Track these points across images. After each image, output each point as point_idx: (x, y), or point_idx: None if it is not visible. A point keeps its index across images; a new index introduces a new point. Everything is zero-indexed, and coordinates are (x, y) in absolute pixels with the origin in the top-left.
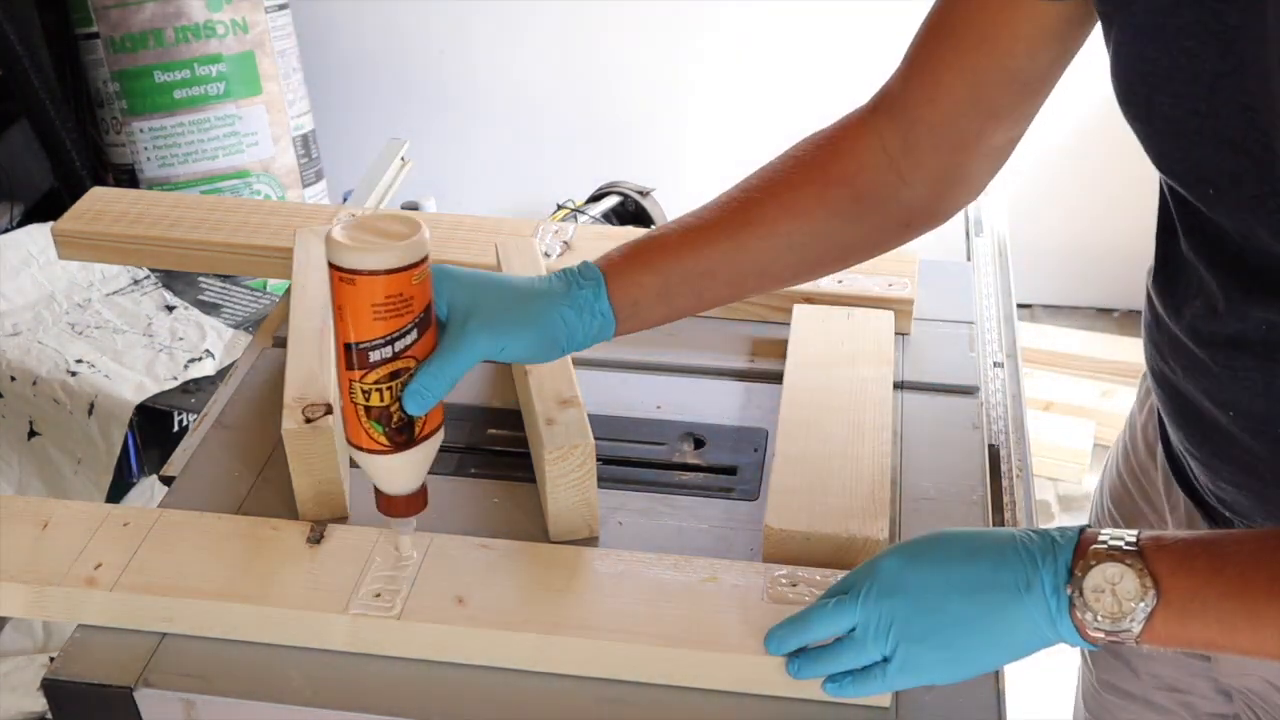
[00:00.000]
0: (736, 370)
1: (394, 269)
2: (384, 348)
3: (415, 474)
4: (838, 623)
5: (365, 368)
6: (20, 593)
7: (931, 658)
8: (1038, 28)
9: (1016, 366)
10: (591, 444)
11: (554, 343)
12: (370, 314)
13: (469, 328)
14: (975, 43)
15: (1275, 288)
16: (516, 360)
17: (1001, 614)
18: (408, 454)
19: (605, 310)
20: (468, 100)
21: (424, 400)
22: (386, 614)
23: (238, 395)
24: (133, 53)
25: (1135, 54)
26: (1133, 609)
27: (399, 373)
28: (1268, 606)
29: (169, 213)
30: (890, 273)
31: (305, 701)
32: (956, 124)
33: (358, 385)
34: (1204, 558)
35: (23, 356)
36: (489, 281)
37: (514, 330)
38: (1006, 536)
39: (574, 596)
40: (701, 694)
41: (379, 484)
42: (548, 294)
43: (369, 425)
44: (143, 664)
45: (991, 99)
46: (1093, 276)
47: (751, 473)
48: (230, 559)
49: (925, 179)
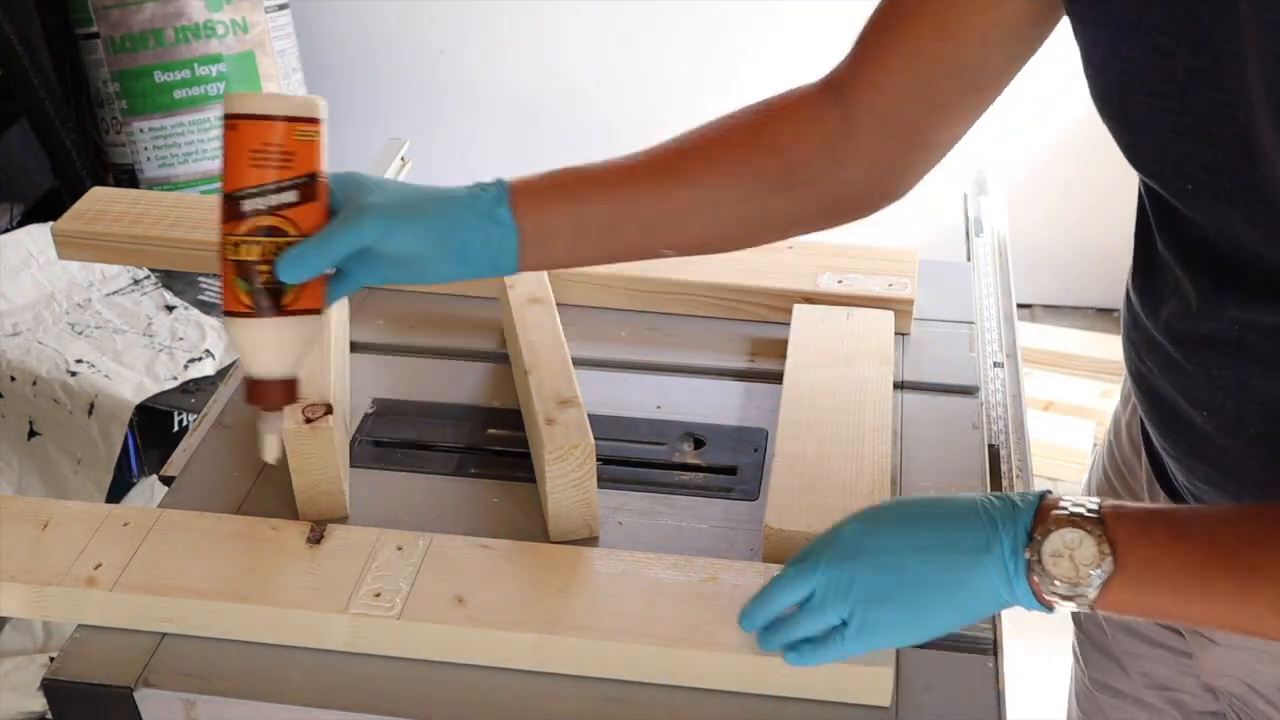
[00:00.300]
0: (736, 370)
1: (273, 115)
2: (257, 198)
3: (280, 352)
4: (799, 589)
5: (238, 218)
6: (20, 593)
7: (890, 619)
8: (992, 21)
9: (1016, 366)
10: (591, 444)
11: (446, 245)
12: (247, 160)
13: (359, 208)
14: (926, 30)
15: (1249, 286)
16: (406, 253)
17: (960, 575)
18: (273, 322)
19: (505, 220)
20: (468, 100)
21: (298, 267)
22: (386, 614)
23: (238, 395)
24: (133, 53)
25: (1108, 53)
26: (1089, 575)
27: (274, 230)
28: (1221, 578)
29: (169, 213)
30: (890, 273)
31: (305, 701)
32: (899, 112)
33: (230, 238)
34: (1163, 528)
35: (23, 356)
36: (391, 182)
37: (404, 218)
38: (968, 501)
39: (574, 596)
40: (701, 694)
41: (244, 360)
42: (448, 194)
43: (236, 283)
44: (143, 664)
45: (937, 90)
46: (1093, 276)
47: (751, 473)
48: (230, 559)
49: (859, 164)
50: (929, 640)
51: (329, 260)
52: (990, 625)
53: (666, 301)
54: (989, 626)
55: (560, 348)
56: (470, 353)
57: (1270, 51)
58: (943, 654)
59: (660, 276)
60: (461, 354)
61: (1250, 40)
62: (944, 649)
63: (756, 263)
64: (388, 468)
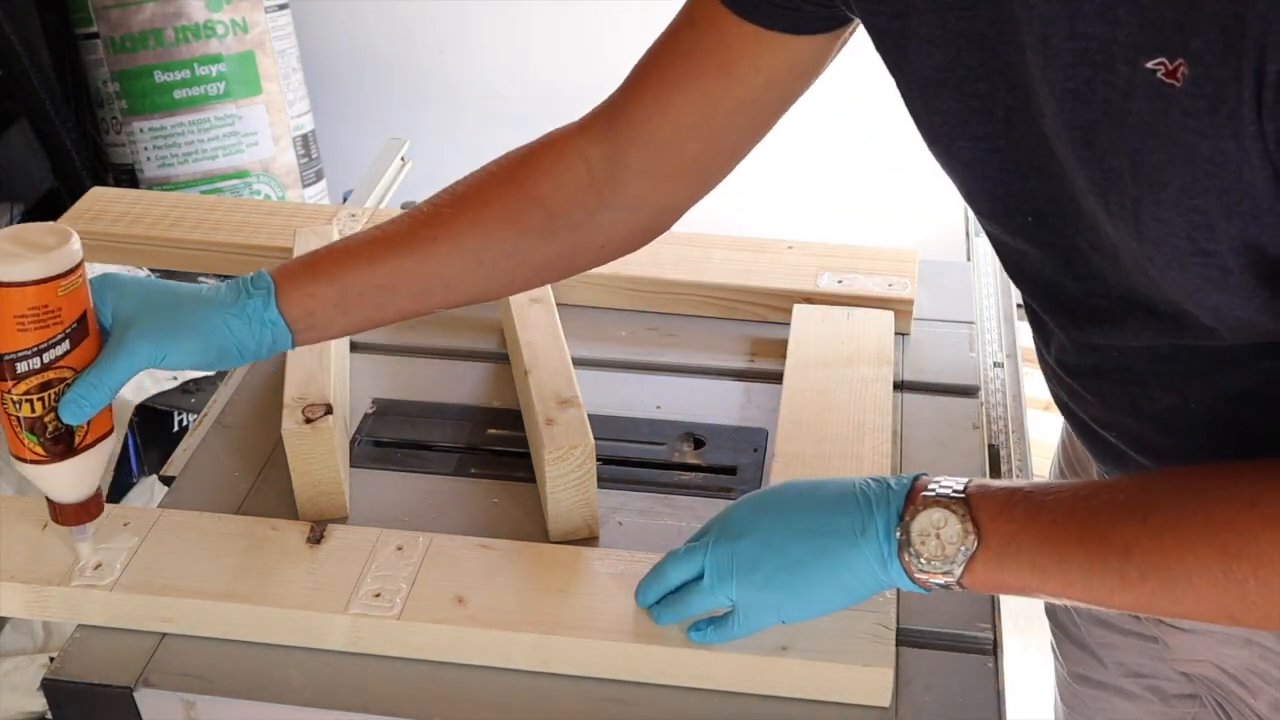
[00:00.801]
0: (736, 370)
1: (34, 280)
2: (32, 358)
3: (80, 483)
4: (688, 568)
5: (14, 379)
6: (20, 593)
7: (775, 599)
8: (784, 61)
9: (1016, 366)
10: (591, 444)
11: (222, 351)
12: (14, 325)
13: (128, 336)
14: (713, 71)
15: (1100, 316)
16: (183, 368)
17: (837, 557)
18: (67, 464)
19: (275, 319)
20: (468, 100)
21: (80, 409)
22: (386, 614)
23: (238, 395)
24: (133, 53)
25: (927, 108)
26: (955, 552)
27: (51, 383)
28: (1074, 552)
29: (169, 213)
30: (890, 273)
31: (305, 701)
32: (676, 147)
33: (8, 396)
34: (1023, 505)
35: None
36: (155, 289)
37: (175, 338)
38: (848, 484)
39: (574, 596)
40: (701, 694)
41: (45, 492)
42: (215, 302)
43: (24, 436)
44: (143, 664)
45: (717, 126)
46: None
47: (751, 473)
48: (230, 559)
49: (625, 204)
50: (819, 616)
51: (108, 396)
52: (990, 625)
53: (666, 301)
54: (989, 626)
55: (560, 348)
56: (470, 353)
57: (1063, 88)
58: (943, 654)
59: (660, 277)
60: (461, 354)
61: (1041, 82)
62: (944, 649)
63: (756, 263)
64: (388, 468)
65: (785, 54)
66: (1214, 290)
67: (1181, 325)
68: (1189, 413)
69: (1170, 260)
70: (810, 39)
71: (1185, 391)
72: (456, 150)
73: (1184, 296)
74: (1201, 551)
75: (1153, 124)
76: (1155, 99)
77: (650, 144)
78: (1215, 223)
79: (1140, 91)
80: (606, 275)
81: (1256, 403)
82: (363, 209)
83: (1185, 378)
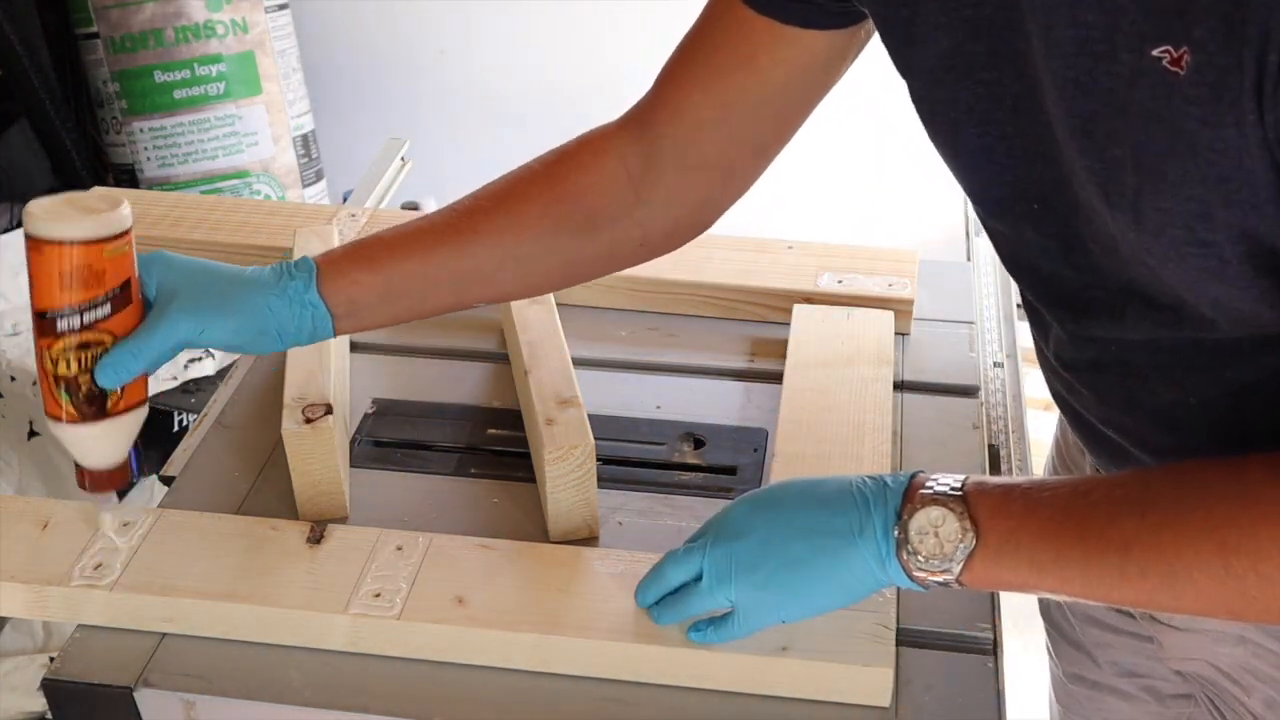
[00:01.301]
0: (736, 370)
1: (79, 240)
2: (71, 317)
3: (109, 448)
4: (687, 568)
5: (53, 336)
6: (20, 593)
7: (774, 599)
8: (801, 56)
9: (1016, 366)
10: (591, 444)
11: (262, 332)
12: (57, 283)
13: (170, 309)
14: (733, 66)
15: (1099, 309)
16: (222, 346)
17: (836, 556)
18: (98, 426)
19: (316, 302)
20: (468, 100)
21: (115, 374)
22: (386, 614)
23: (238, 395)
24: (133, 53)
25: (934, 97)
26: (954, 550)
27: (89, 344)
28: (1073, 548)
29: (169, 213)
30: (890, 273)
31: (305, 701)
32: (701, 145)
33: (46, 352)
34: (1021, 502)
35: (23, 356)
36: (201, 267)
37: (216, 315)
38: (845, 483)
39: (574, 597)
40: (701, 694)
41: (75, 456)
42: (257, 283)
43: (58, 394)
44: (143, 664)
45: (740, 123)
46: None
47: (751, 473)
48: (230, 559)
49: (662, 201)
50: (819, 615)
51: (146, 364)
52: (990, 625)
53: (666, 301)
54: (989, 626)
55: (560, 348)
56: (470, 353)
57: (1064, 78)
58: (943, 654)
59: (660, 277)
60: (461, 354)
61: (1044, 70)
62: (944, 649)
63: (756, 263)
64: (388, 468)
65: (801, 49)
66: (1212, 281)
67: (1180, 317)
68: (1189, 408)
69: (1169, 250)
70: (825, 34)
71: (1186, 386)
72: (456, 150)
73: (1183, 287)
74: (1201, 547)
75: (1155, 112)
76: (1158, 87)
77: (676, 139)
78: (1214, 212)
79: (1143, 80)
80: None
81: (1259, 398)
82: (363, 209)
83: (1186, 372)
